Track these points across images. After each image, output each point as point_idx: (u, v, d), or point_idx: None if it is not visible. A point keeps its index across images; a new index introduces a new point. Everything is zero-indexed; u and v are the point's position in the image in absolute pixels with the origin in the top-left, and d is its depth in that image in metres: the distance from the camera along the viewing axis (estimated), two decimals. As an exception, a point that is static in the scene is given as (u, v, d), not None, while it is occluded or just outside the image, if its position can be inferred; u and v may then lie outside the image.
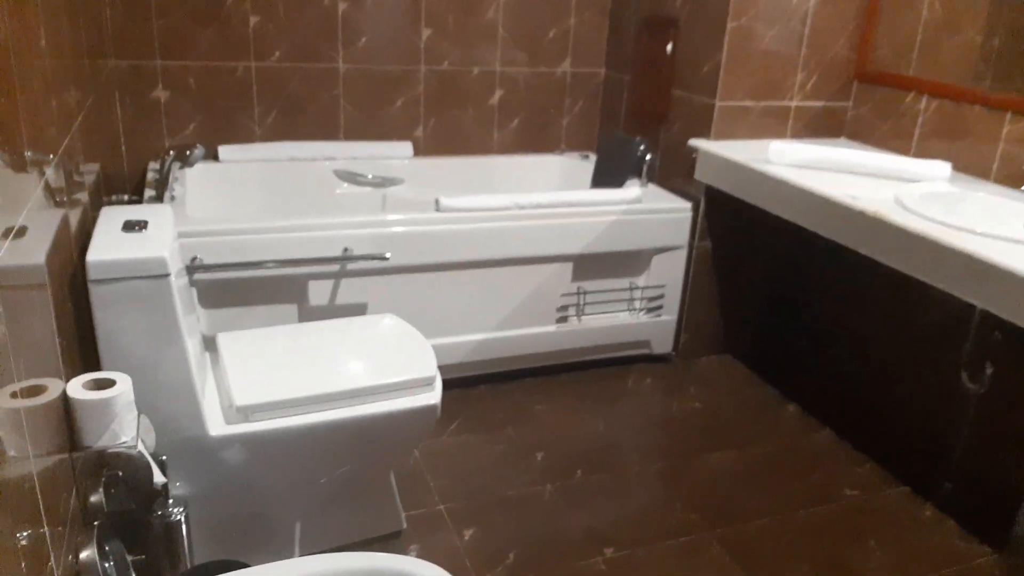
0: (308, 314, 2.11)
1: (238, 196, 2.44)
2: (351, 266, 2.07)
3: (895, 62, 2.39)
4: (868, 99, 2.45)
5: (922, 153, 2.27)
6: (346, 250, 2.05)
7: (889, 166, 2.07)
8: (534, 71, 2.87)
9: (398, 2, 2.61)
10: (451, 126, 2.82)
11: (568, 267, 2.40)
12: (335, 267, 2.06)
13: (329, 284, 2.09)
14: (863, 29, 2.43)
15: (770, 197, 2.12)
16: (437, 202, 2.19)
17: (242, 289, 2.02)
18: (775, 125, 2.46)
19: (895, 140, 2.36)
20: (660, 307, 2.57)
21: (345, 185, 2.61)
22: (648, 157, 2.59)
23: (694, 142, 2.40)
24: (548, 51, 2.86)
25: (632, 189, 2.43)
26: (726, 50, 2.31)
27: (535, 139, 2.97)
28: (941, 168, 2.03)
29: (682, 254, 2.53)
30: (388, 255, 2.07)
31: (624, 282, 2.52)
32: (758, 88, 2.39)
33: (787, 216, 2.06)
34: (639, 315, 2.55)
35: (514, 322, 2.36)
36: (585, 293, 2.45)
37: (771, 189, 2.10)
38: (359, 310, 2.14)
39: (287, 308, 2.08)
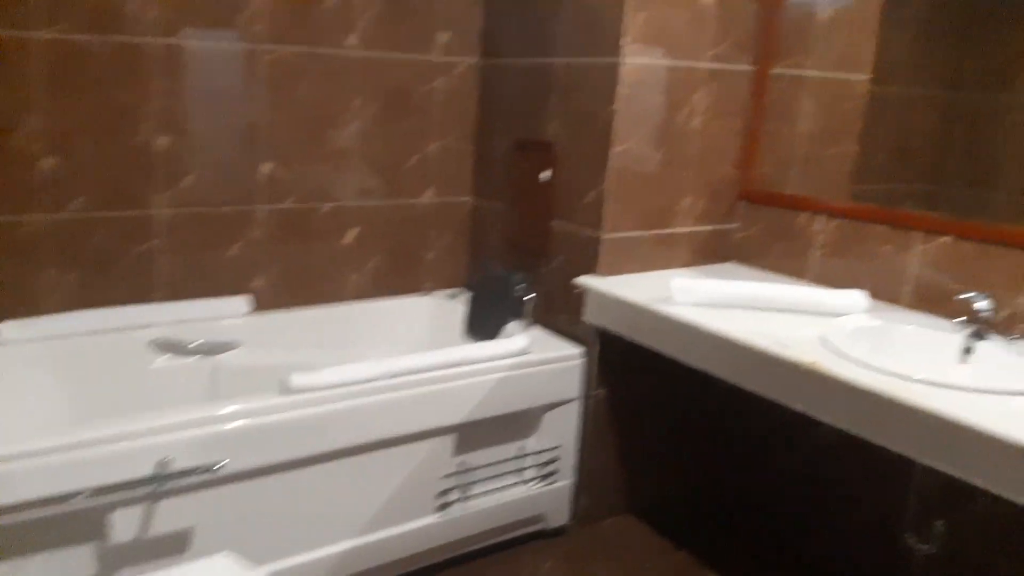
0: (111, 558, 1.57)
1: (20, 391, 1.88)
2: (171, 483, 1.57)
3: (780, 180, 2.24)
4: (757, 220, 2.27)
5: (824, 277, 2.09)
6: (163, 462, 1.55)
7: (806, 300, 1.84)
8: (393, 203, 2.53)
9: (232, 132, 2.21)
10: (298, 272, 2.41)
11: (448, 441, 2.00)
12: (147, 489, 1.55)
13: (139, 511, 1.57)
14: (746, 148, 2.27)
15: (678, 343, 1.83)
16: (286, 381, 1.75)
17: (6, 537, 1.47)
18: (666, 254, 2.22)
19: (791, 262, 2.17)
20: (555, 472, 2.20)
21: (165, 357, 2.11)
22: (529, 296, 2.28)
23: (581, 280, 2.11)
24: (408, 180, 2.54)
25: (517, 338, 2.09)
26: (610, 177, 2.06)
27: (398, 279, 2.60)
28: (859, 298, 1.83)
29: (575, 407, 2.19)
30: (225, 461, 1.60)
31: (512, 448, 2.14)
32: (646, 216, 2.15)
33: (700, 365, 1.78)
34: (532, 486, 2.17)
35: (386, 519, 1.92)
36: (469, 469, 2.04)
37: (679, 335, 1.81)
38: (181, 542, 1.63)
39: (78, 553, 1.54)
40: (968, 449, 1.27)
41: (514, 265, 2.43)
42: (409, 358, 1.90)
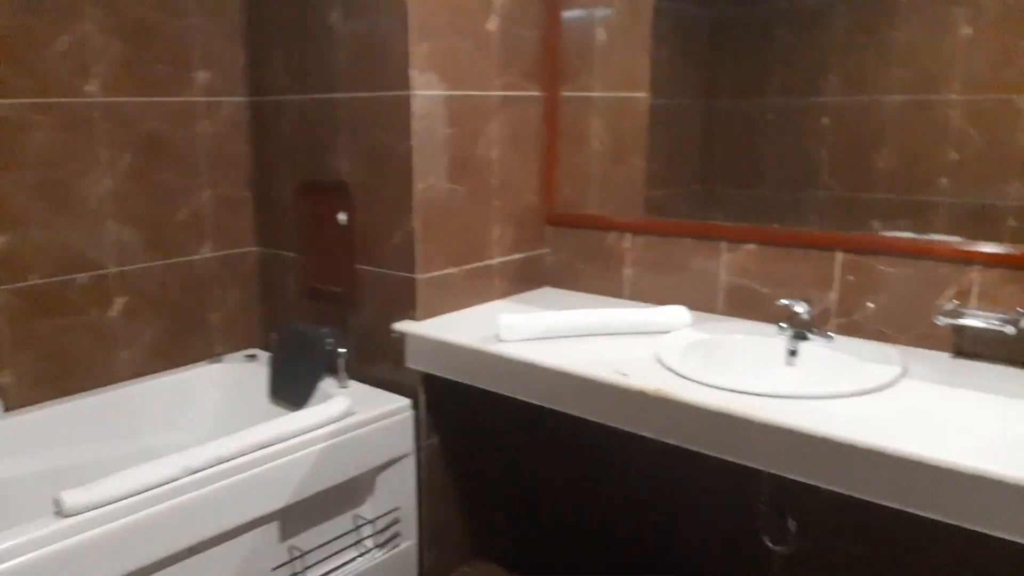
0: None
1: None
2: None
3: (582, 201, 2.23)
4: (566, 243, 2.24)
5: (641, 294, 2.10)
6: None
7: (632, 321, 1.82)
8: (164, 263, 2.20)
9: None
10: (56, 358, 2.01)
11: (273, 528, 1.74)
12: None
13: None
14: (546, 173, 2.23)
15: (514, 382, 1.73)
16: (59, 502, 1.41)
17: None
18: (483, 288, 2.12)
19: (605, 282, 2.17)
20: (396, 535, 2.01)
21: None
22: (341, 350, 2.07)
23: (400, 326, 1.95)
24: (179, 236, 2.23)
25: (336, 400, 1.88)
26: (417, 216, 1.92)
27: (182, 348, 2.27)
28: (682, 313, 1.84)
29: (410, 463, 2.02)
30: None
31: (347, 519, 1.92)
32: (458, 252, 2.04)
33: (539, 402, 1.69)
34: (374, 555, 1.96)
35: (213, 636, 1.62)
36: (303, 554, 1.80)
37: (514, 373, 1.71)
38: None
39: None
40: (807, 454, 1.29)
41: (319, 317, 2.20)
42: (210, 447, 1.62)
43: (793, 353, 1.68)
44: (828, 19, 1.82)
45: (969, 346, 1.61)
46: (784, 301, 1.70)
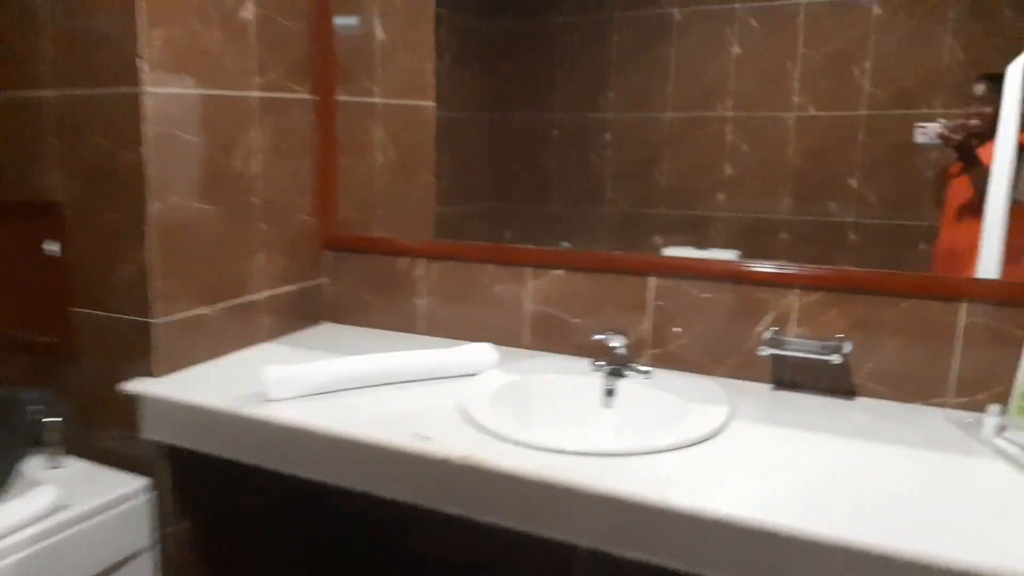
0: None
1: None
2: None
3: (367, 222, 1.93)
4: (348, 271, 1.92)
5: (438, 328, 1.83)
6: None
7: (430, 365, 1.54)
8: None
9: None
10: None
11: None
12: None
13: None
14: (322, 189, 1.90)
15: (284, 454, 1.37)
16: None
17: None
18: (245, 329, 1.74)
19: (396, 316, 1.87)
20: (139, 652, 1.57)
21: None
22: (52, 419, 1.59)
23: (132, 386, 1.52)
24: None
25: (42, 491, 1.41)
26: (152, 244, 1.50)
27: None
28: (487, 352, 1.59)
29: (147, 561, 1.58)
30: None
31: (66, 646, 1.45)
32: (211, 287, 1.64)
33: (319, 477, 1.35)
34: None
35: None
36: None
37: (284, 443, 1.36)
38: None
39: None
40: (634, 524, 1.08)
41: (21, 376, 1.69)
42: None
43: (610, 393, 1.48)
44: (605, 35, 1.81)
45: (789, 375, 1.51)
46: (599, 336, 1.50)
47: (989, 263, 1.52)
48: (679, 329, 1.57)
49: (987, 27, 1.51)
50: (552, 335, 1.70)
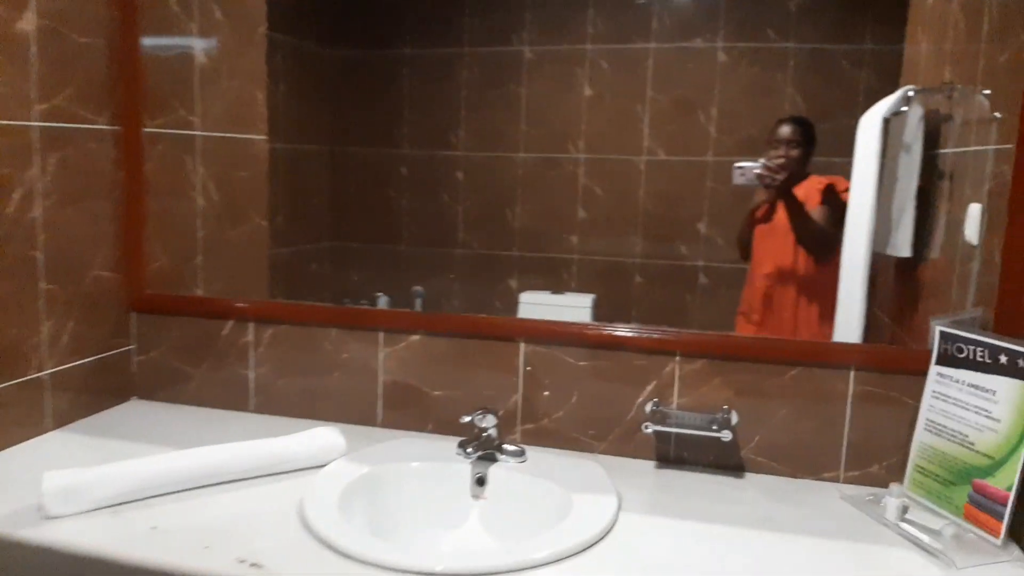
0: None
1: None
2: None
3: (186, 278, 1.63)
4: (161, 337, 1.61)
5: (274, 405, 1.56)
6: None
7: (264, 459, 1.27)
8: None
9: None
10: None
11: None
12: None
13: None
14: (126, 239, 1.58)
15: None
16: None
17: None
18: (26, 416, 1.39)
19: (222, 391, 1.58)
20: None
21: None
22: None
23: None
24: None
25: None
26: None
27: None
28: (335, 439, 1.34)
29: None
30: None
31: None
32: (-28, 369, 1.29)
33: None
34: None
35: None
36: None
37: (64, 572, 1.06)
38: None
39: None
40: None
41: None
42: None
43: (481, 482, 1.28)
44: (455, 70, 1.74)
45: (674, 450, 1.38)
46: (467, 417, 1.30)
47: (851, 323, 1.49)
48: (547, 393, 1.41)
49: (825, 78, 1.52)
50: (410, 410, 1.48)
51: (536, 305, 1.72)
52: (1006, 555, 1.06)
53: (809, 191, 1.49)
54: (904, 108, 1.55)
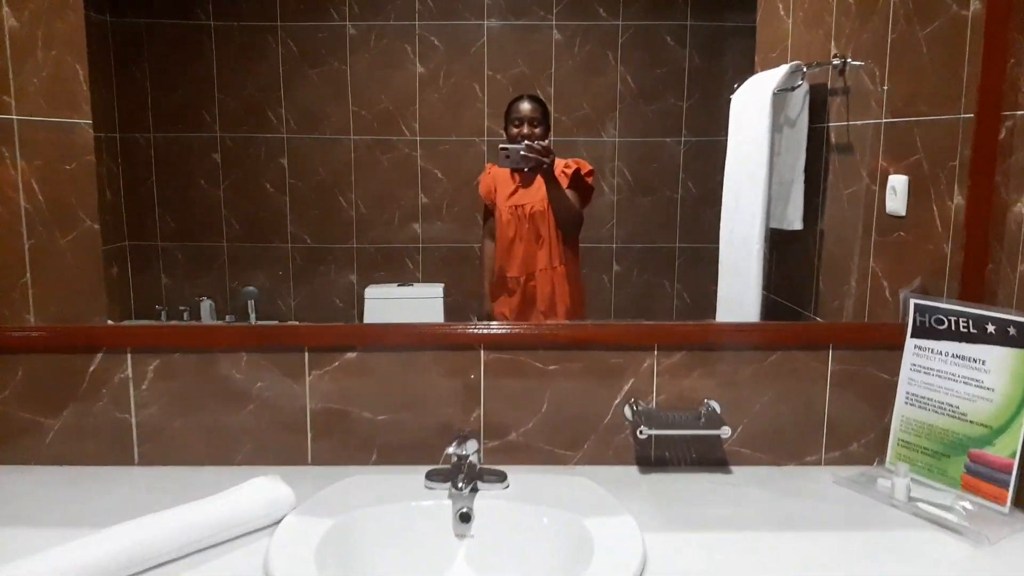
0: None
1: None
2: None
3: (15, 304, 1.27)
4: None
5: (166, 454, 1.25)
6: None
7: (192, 530, 0.98)
8: None
9: None
10: None
11: None
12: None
13: None
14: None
15: None
16: None
17: None
18: None
19: (92, 443, 1.25)
20: None
21: None
22: None
23: None
24: None
25: None
26: None
27: None
28: (280, 490, 1.07)
29: None
30: None
31: None
32: None
33: None
34: None
35: None
36: None
37: None
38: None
39: None
40: None
41: None
42: None
43: (466, 518, 1.09)
44: (268, 46, 1.57)
45: (655, 452, 1.27)
46: (451, 449, 1.10)
47: (747, 304, 1.49)
48: (519, 400, 1.25)
49: (652, 56, 1.55)
50: (349, 441, 1.25)
51: (383, 300, 1.59)
52: (1018, 522, 1.07)
53: (559, 176, 1.49)
54: (800, 83, 1.56)
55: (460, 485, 1.07)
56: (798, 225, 1.57)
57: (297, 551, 0.96)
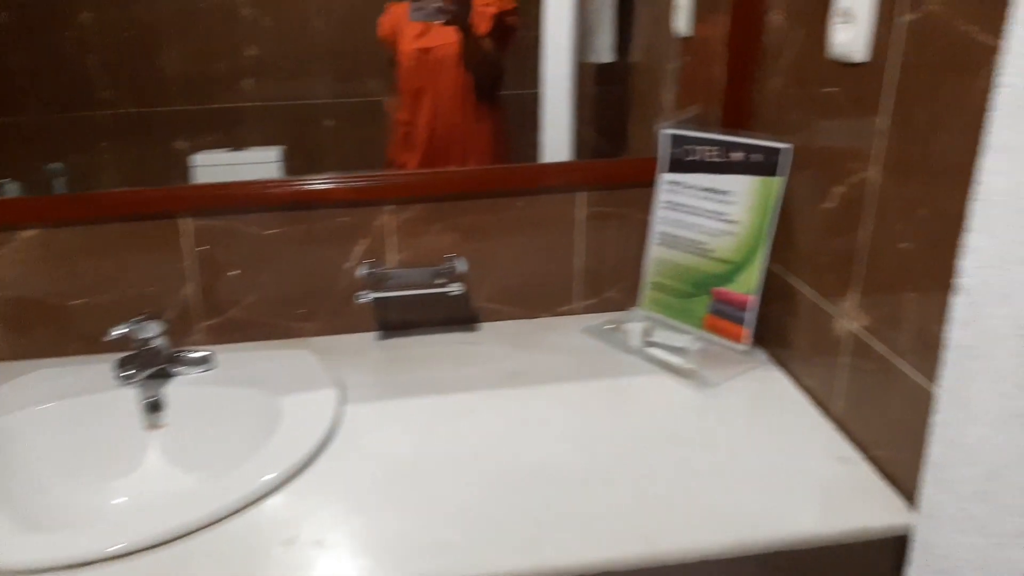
0: None
1: None
2: None
3: None
4: None
5: None
6: None
7: None
8: None
9: None
10: None
11: None
12: None
13: None
14: None
15: None
16: None
17: None
18: None
19: None
20: None
21: None
22: None
23: None
24: None
25: None
26: None
27: None
28: None
29: None
30: None
31: None
32: None
33: None
34: None
35: None
36: None
37: None
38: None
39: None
40: None
41: None
42: None
43: (155, 407, 0.97)
44: None
45: (398, 315, 1.16)
46: (118, 331, 0.96)
47: (560, 142, 1.36)
48: (238, 271, 1.11)
49: None
50: (40, 331, 1.09)
51: (214, 167, 1.39)
52: (752, 361, 1.02)
53: (480, 17, 1.28)
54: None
55: (133, 371, 0.94)
56: (607, 57, 1.42)
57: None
